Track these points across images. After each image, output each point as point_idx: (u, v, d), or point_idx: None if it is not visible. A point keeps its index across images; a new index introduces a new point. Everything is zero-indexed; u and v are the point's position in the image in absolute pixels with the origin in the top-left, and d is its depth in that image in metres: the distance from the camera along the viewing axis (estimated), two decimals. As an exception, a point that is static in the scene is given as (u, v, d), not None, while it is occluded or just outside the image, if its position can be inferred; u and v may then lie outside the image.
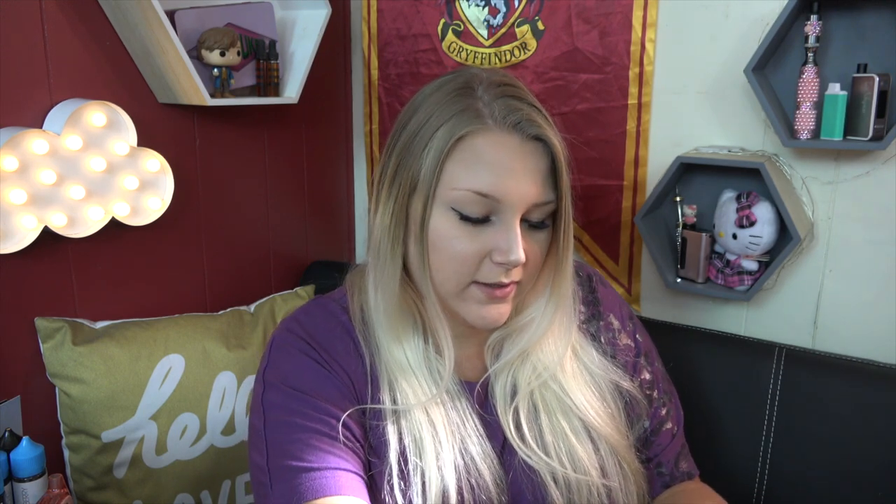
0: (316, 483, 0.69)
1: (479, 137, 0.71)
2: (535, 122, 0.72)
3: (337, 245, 1.80)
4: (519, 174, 0.71)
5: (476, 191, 0.71)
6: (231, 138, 1.45)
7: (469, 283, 0.74)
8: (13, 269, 1.12)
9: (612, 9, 1.34)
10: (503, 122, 0.72)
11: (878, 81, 1.06)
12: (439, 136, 0.72)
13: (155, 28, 1.15)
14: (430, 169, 0.72)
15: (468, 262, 0.73)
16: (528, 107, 0.73)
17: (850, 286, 1.22)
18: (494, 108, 0.72)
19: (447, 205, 0.72)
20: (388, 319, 0.77)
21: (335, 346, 0.78)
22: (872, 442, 1.06)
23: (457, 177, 0.71)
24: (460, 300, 0.76)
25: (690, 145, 1.32)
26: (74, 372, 1.15)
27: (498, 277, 0.73)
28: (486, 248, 0.73)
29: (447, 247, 0.73)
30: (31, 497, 1.04)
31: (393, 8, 1.61)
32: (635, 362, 0.90)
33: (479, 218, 0.72)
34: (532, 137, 0.72)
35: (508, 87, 0.74)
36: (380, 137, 1.72)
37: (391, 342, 0.77)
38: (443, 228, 0.73)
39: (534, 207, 0.73)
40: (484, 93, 0.73)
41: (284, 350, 0.78)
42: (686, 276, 1.30)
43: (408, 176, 0.74)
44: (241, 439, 1.27)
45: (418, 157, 0.73)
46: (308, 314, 0.82)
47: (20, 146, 1.06)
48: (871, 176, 1.17)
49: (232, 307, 1.41)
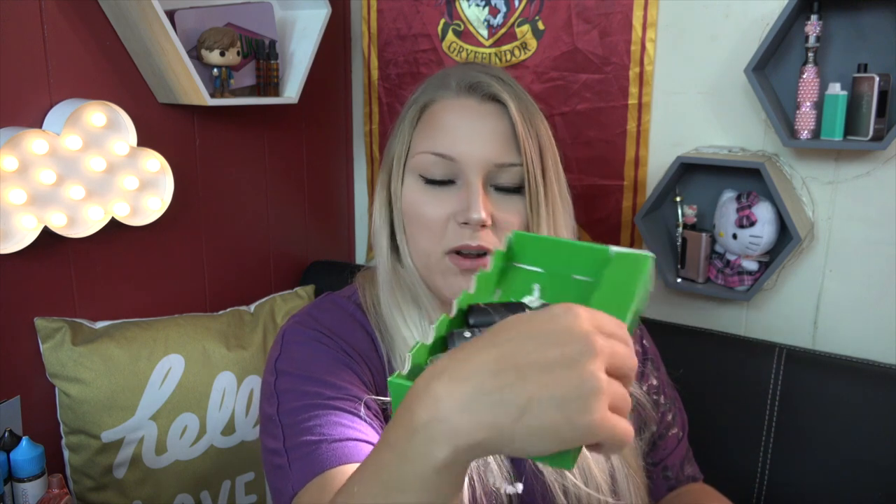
0: (338, 452, 0.66)
1: (439, 103, 0.77)
2: (492, 85, 0.75)
3: (337, 245, 1.80)
4: (475, 135, 0.74)
5: (433, 152, 0.75)
6: (231, 138, 1.45)
7: (442, 253, 0.75)
8: (13, 269, 1.12)
9: (613, 9, 1.34)
10: (461, 86, 0.76)
11: (879, 81, 1.06)
12: (411, 111, 0.78)
13: (155, 28, 1.15)
14: (402, 142, 0.78)
15: (435, 227, 0.75)
16: (490, 74, 0.77)
17: (850, 286, 1.22)
18: (457, 77, 0.77)
19: (415, 172, 0.77)
20: (393, 301, 0.78)
21: (352, 338, 0.78)
22: (872, 442, 1.06)
23: (420, 143, 0.76)
24: (437, 274, 0.77)
25: (690, 145, 1.32)
26: (74, 372, 1.15)
27: (464, 240, 0.74)
28: (449, 211, 0.75)
29: (416, 214, 0.76)
30: (30, 497, 1.04)
31: (393, 8, 1.61)
32: (642, 368, 0.90)
33: (441, 180, 0.75)
34: (489, 98, 0.76)
35: (478, 65, 0.80)
36: (380, 137, 1.72)
37: (401, 327, 0.77)
38: (411, 195, 0.77)
39: (497, 169, 0.75)
40: (455, 70, 0.79)
41: (298, 340, 0.77)
42: (686, 276, 1.30)
43: (390, 157, 0.79)
44: (240, 439, 1.27)
45: (396, 137, 0.79)
46: (320, 309, 0.81)
47: (20, 146, 1.06)
48: (872, 176, 1.17)
49: (232, 307, 1.41)
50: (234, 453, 1.27)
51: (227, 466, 1.27)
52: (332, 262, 1.70)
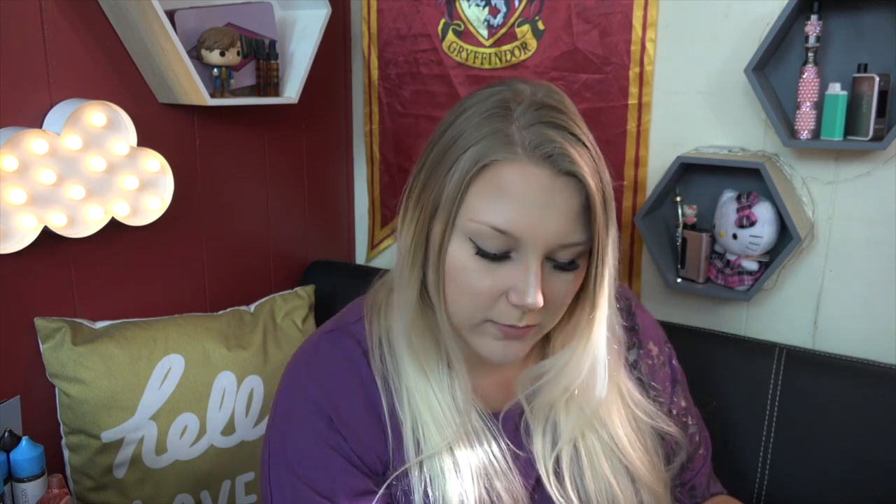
0: None
1: (506, 167, 0.65)
2: (569, 155, 0.64)
3: (337, 245, 1.80)
4: (544, 212, 0.65)
5: (494, 226, 0.65)
6: (231, 138, 1.45)
7: (483, 319, 0.69)
8: (13, 269, 1.12)
9: (613, 9, 1.34)
10: (533, 153, 0.64)
11: (879, 81, 1.06)
12: (466, 159, 0.65)
13: (155, 28, 1.15)
14: (451, 194, 0.66)
15: (482, 299, 0.68)
16: (566, 135, 0.65)
17: (850, 286, 1.22)
18: (526, 136, 0.64)
19: (465, 234, 0.67)
20: (409, 346, 0.73)
21: (354, 411, 0.73)
22: (872, 442, 1.06)
23: (477, 208, 0.66)
24: (475, 333, 0.71)
25: (690, 145, 1.32)
26: (74, 372, 1.15)
27: (513, 319, 0.68)
28: (502, 286, 0.67)
29: (462, 279, 0.68)
30: (30, 497, 1.04)
31: (393, 8, 1.61)
32: (672, 389, 0.89)
33: (496, 254, 0.66)
34: (564, 172, 0.65)
35: (549, 111, 0.66)
36: (380, 137, 1.72)
37: (415, 373, 0.73)
38: (459, 259, 0.67)
39: (560, 248, 0.67)
40: (521, 115, 0.66)
41: (296, 426, 0.73)
42: (686, 277, 1.30)
43: (432, 196, 0.68)
44: (240, 439, 1.27)
45: (443, 179, 0.67)
46: (323, 360, 0.76)
47: (20, 146, 1.06)
48: (872, 176, 1.17)
49: (232, 307, 1.40)
50: (234, 453, 1.27)
51: (227, 466, 1.27)
52: (332, 262, 1.70)
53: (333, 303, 1.53)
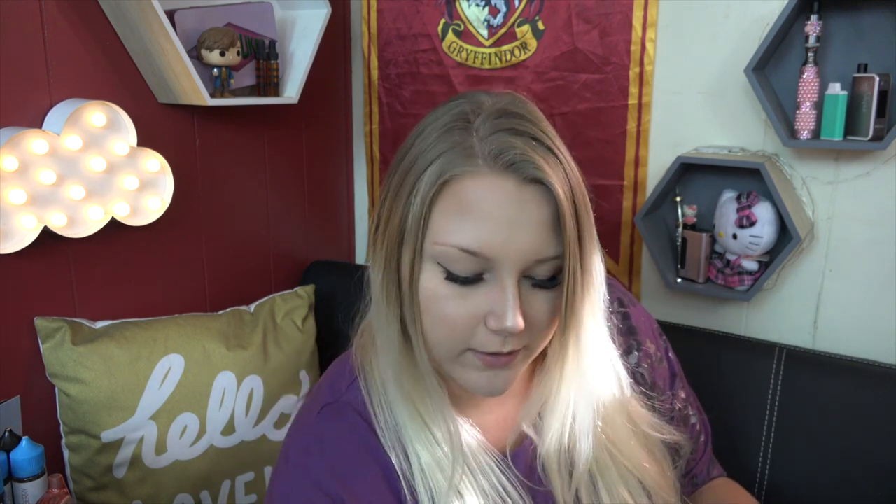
0: None
1: (468, 181, 0.59)
2: (534, 161, 0.59)
3: (337, 245, 1.80)
4: (513, 227, 0.59)
5: (461, 247, 0.59)
6: (231, 138, 1.45)
7: (463, 349, 0.63)
8: (13, 269, 1.12)
9: (613, 9, 1.34)
10: (495, 163, 0.59)
11: (879, 81, 1.06)
12: (426, 178, 0.60)
13: (155, 28, 1.15)
14: (415, 217, 0.61)
15: (459, 328, 0.62)
16: (528, 141, 0.60)
17: (850, 286, 1.22)
18: (486, 146, 0.59)
19: (433, 259, 0.61)
20: (401, 391, 0.67)
21: (369, 489, 0.67)
22: (872, 442, 1.05)
23: (441, 229, 0.60)
24: (457, 365, 0.65)
25: (690, 145, 1.32)
26: (74, 372, 1.15)
27: (495, 346, 0.62)
28: (478, 312, 0.61)
29: (435, 308, 0.62)
30: (30, 497, 1.04)
31: (393, 8, 1.61)
32: (672, 382, 0.89)
33: (468, 277, 0.61)
34: (530, 180, 0.59)
35: (510, 118, 0.61)
36: (380, 137, 1.72)
37: (411, 419, 0.67)
38: (430, 287, 0.62)
39: (535, 264, 0.61)
40: (481, 124, 0.61)
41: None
42: (686, 276, 1.30)
43: (396, 224, 0.63)
44: (240, 439, 1.27)
45: (405, 203, 0.62)
46: (323, 442, 0.69)
47: (20, 146, 1.06)
48: (872, 176, 1.17)
49: (232, 307, 1.40)
50: (234, 453, 1.27)
51: (227, 466, 1.27)
52: (332, 262, 1.70)
53: (333, 303, 1.53)
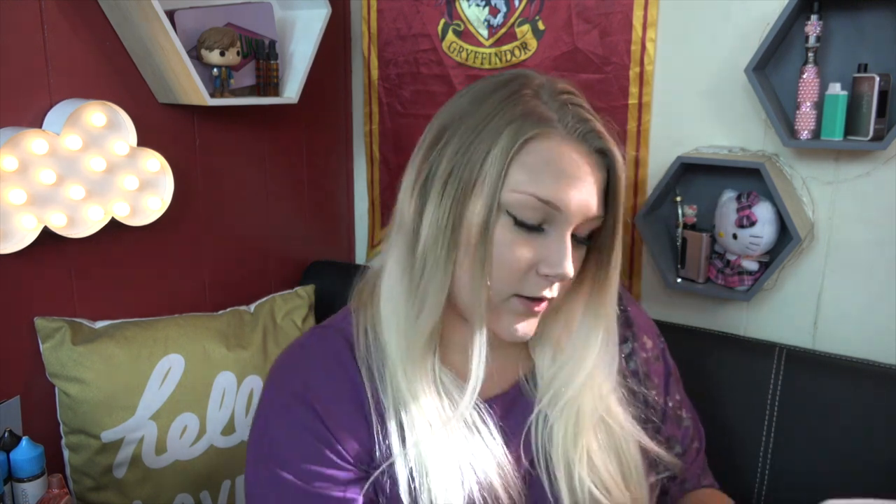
0: None
1: (547, 141, 0.69)
2: (602, 135, 0.71)
3: (337, 245, 1.80)
4: (582, 185, 0.69)
5: (539, 196, 0.68)
6: (231, 138, 1.45)
7: (511, 294, 0.71)
8: (13, 269, 1.12)
9: (613, 8, 1.34)
10: (573, 130, 0.70)
11: (879, 81, 1.06)
12: (505, 136, 0.68)
13: (155, 28, 1.15)
14: (494, 170, 0.68)
15: (517, 271, 0.70)
16: (594, 118, 0.72)
17: (850, 286, 1.22)
18: (564, 115, 0.70)
19: (504, 208, 0.69)
20: (415, 339, 0.72)
21: (337, 400, 0.73)
22: (872, 442, 1.05)
23: (519, 180, 0.68)
24: (496, 312, 0.72)
25: (691, 145, 1.32)
26: (74, 372, 1.15)
27: (541, 291, 0.71)
28: (535, 259, 0.70)
29: (499, 252, 0.69)
30: (30, 497, 1.04)
31: (393, 8, 1.61)
32: (667, 382, 0.90)
33: (533, 225, 0.69)
34: (596, 150, 0.71)
35: (573, 96, 0.72)
36: (380, 137, 1.72)
37: (406, 368, 0.72)
38: (498, 232, 0.69)
39: (586, 221, 0.71)
40: (549, 97, 0.71)
41: (279, 416, 0.73)
42: (686, 277, 1.30)
43: (466, 177, 0.69)
44: (241, 439, 1.27)
45: (480, 159, 0.69)
46: (307, 356, 0.77)
47: (20, 146, 1.06)
48: (872, 176, 1.17)
49: (232, 307, 1.41)
50: (234, 453, 1.27)
51: (227, 466, 1.27)
52: (332, 262, 1.70)
53: (333, 303, 1.53)
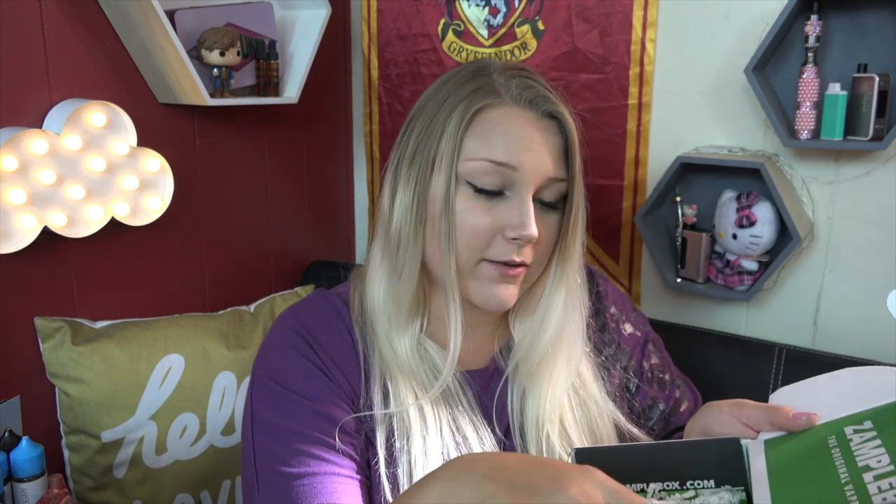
0: (307, 489, 0.68)
1: (496, 110, 0.73)
2: (550, 99, 0.75)
3: (337, 245, 1.80)
4: (534, 146, 0.73)
5: (492, 160, 0.72)
6: (231, 138, 1.45)
7: (479, 259, 0.74)
8: (13, 269, 1.12)
9: (613, 8, 1.34)
10: (519, 98, 0.74)
11: (879, 81, 1.06)
12: (457, 112, 0.73)
13: (155, 28, 1.15)
14: (450, 144, 0.73)
15: (480, 237, 0.73)
16: (542, 86, 0.76)
17: (850, 286, 1.22)
18: (510, 86, 0.74)
19: (462, 178, 0.73)
20: (397, 309, 0.76)
21: (333, 343, 0.77)
22: (872, 442, 1.05)
23: (473, 148, 0.73)
24: (471, 278, 0.75)
25: (690, 145, 1.32)
26: (74, 372, 1.15)
27: (510, 255, 0.73)
28: (499, 224, 0.73)
29: (461, 221, 0.73)
30: (30, 497, 1.04)
31: (393, 8, 1.61)
32: (643, 348, 0.91)
33: (493, 190, 0.73)
34: (546, 114, 0.75)
35: (522, 71, 0.77)
36: (380, 137, 1.72)
37: (391, 334, 0.77)
38: (460, 202, 0.73)
39: (547, 183, 0.74)
40: (499, 75, 0.75)
41: (280, 347, 0.77)
42: (686, 276, 1.30)
43: (427, 156, 0.74)
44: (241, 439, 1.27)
45: (437, 136, 0.74)
46: (308, 306, 0.81)
47: (20, 146, 1.06)
48: (872, 176, 1.17)
49: (232, 307, 1.41)
50: (234, 453, 1.27)
51: (227, 466, 1.27)
52: (332, 262, 1.70)
53: (333, 303, 1.53)
